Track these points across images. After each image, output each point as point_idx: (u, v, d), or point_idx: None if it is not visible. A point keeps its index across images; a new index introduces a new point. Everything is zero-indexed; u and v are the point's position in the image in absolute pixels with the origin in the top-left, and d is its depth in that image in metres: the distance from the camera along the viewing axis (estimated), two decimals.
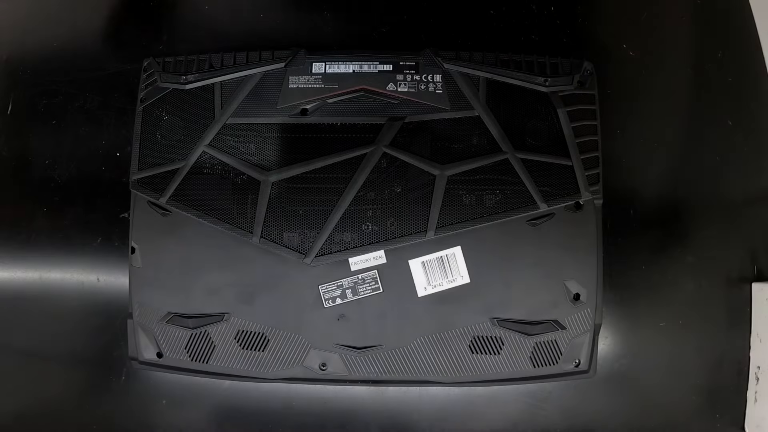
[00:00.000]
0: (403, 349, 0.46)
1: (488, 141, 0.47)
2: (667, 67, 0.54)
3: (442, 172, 0.46)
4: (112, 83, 0.55)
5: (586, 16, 0.54)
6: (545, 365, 0.46)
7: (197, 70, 0.49)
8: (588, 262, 0.46)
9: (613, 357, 0.51)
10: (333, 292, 0.46)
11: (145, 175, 0.48)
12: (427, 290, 0.46)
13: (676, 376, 0.51)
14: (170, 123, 0.49)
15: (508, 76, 0.48)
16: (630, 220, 0.52)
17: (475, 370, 0.46)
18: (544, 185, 0.46)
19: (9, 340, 0.53)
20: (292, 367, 0.46)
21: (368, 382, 0.46)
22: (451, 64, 0.48)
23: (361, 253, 0.46)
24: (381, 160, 0.46)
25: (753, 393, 0.50)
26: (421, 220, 0.46)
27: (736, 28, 0.54)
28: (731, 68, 0.54)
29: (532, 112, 0.47)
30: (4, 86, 0.56)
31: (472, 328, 0.46)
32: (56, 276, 0.52)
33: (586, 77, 0.48)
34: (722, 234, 0.52)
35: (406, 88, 0.47)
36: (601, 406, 0.51)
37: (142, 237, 0.48)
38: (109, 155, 0.54)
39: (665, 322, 0.51)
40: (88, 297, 0.53)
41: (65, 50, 0.56)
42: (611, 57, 0.53)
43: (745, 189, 0.53)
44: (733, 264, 0.52)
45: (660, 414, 0.51)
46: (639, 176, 0.53)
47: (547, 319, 0.46)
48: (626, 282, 0.51)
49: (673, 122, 0.53)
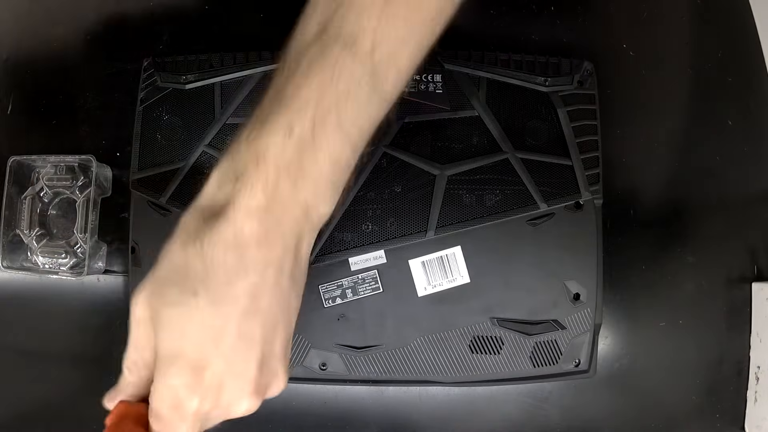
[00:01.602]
0: (403, 349, 0.46)
1: (488, 141, 0.47)
2: (667, 67, 0.54)
3: (442, 172, 0.46)
4: (112, 83, 0.55)
5: (586, 16, 0.54)
6: (545, 365, 0.46)
7: (197, 70, 0.49)
8: (588, 262, 0.46)
9: (613, 357, 0.51)
10: (333, 292, 0.46)
11: (145, 175, 0.48)
12: (427, 290, 0.46)
13: (676, 376, 0.51)
14: (170, 123, 0.49)
15: (508, 76, 0.48)
16: (630, 220, 0.52)
17: (475, 370, 0.46)
18: (544, 185, 0.46)
19: (9, 340, 0.53)
20: (292, 367, 0.46)
21: (368, 382, 0.46)
22: (451, 64, 0.48)
23: (361, 253, 0.46)
24: (381, 159, 0.46)
25: (753, 393, 0.50)
26: (421, 220, 0.46)
27: (736, 28, 0.54)
28: (731, 68, 0.54)
29: (532, 111, 0.47)
30: (4, 86, 0.56)
31: (472, 327, 0.46)
32: (56, 276, 0.52)
33: (586, 77, 0.48)
34: (722, 234, 0.52)
35: (406, 87, 0.47)
36: (601, 406, 0.51)
37: (142, 237, 0.48)
38: (109, 155, 0.54)
39: (665, 322, 0.51)
40: (88, 297, 0.53)
41: (65, 50, 0.56)
42: (611, 57, 0.53)
43: (745, 189, 0.53)
44: (733, 264, 0.52)
45: (660, 414, 0.51)
46: (639, 176, 0.53)
47: (547, 319, 0.46)
48: (626, 282, 0.51)
49: (673, 122, 0.53)
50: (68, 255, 0.52)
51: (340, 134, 0.29)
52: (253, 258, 0.28)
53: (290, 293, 0.30)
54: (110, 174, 0.53)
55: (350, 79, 0.29)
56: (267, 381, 0.31)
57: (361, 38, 0.29)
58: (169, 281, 0.29)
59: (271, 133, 0.28)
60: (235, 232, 0.28)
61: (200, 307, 0.28)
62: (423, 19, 0.31)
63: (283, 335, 0.30)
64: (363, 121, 0.30)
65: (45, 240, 0.53)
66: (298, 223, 0.29)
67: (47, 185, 0.52)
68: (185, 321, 0.28)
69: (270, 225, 0.28)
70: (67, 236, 0.52)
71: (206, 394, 0.29)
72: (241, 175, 0.28)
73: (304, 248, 0.30)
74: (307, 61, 0.29)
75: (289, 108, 0.28)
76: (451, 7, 0.33)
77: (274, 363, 0.30)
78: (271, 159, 0.28)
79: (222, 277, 0.28)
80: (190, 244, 0.28)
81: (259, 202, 0.28)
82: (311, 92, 0.28)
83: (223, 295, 0.28)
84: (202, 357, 0.28)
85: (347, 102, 0.29)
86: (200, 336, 0.28)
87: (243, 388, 0.29)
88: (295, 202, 0.28)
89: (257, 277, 0.28)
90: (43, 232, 0.53)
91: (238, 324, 0.28)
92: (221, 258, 0.28)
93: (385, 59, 0.30)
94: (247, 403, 0.30)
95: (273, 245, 0.28)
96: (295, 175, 0.28)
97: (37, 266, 0.52)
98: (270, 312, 0.29)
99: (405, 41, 0.30)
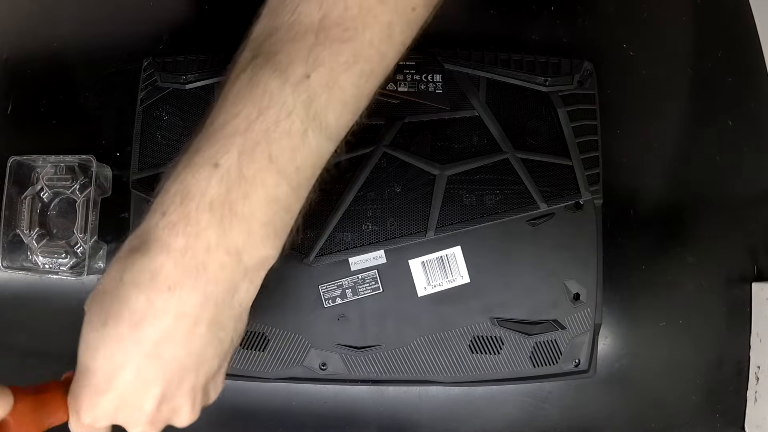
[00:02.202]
0: (403, 348, 0.46)
1: (488, 141, 0.47)
2: (667, 67, 0.54)
3: (442, 172, 0.46)
4: (112, 83, 0.55)
5: (586, 16, 0.54)
6: (545, 365, 0.46)
7: (197, 70, 0.49)
8: (588, 262, 0.46)
9: (613, 357, 0.51)
10: (333, 292, 0.46)
11: (145, 175, 0.48)
12: (427, 290, 0.46)
13: (676, 376, 0.51)
14: (170, 123, 0.49)
15: (508, 76, 0.48)
16: (630, 220, 0.52)
17: (475, 370, 0.46)
18: (544, 185, 0.46)
19: (9, 340, 0.53)
20: (292, 367, 0.46)
21: (368, 382, 0.46)
22: (451, 64, 0.48)
23: (361, 253, 0.46)
24: (381, 159, 0.46)
25: (753, 393, 0.50)
26: (421, 220, 0.46)
27: (736, 28, 0.54)
28: (731, 68, 0.54)
29: (532, 111, 0.47)
30: (4, 86, 0.56)
31: (472, 327, 0.46)
32: (56, 276, 0.52)
33: (586, 77, 0.48)
34: (722, 234, 0.52)
35: (405, 87, 0.47)
36: (601, 406, 0.51)
37: None
38: (109, 155, 0.54)
39: (665, 322, 0.51)
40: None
41: (65, 50, 0.56)
42: (611, 57, 0.53)
43: (745, 189, 0.53)
44: (733, 264, 0.52)
45: (660, 414, 0.51)
46: (639, 176, 0.53)
47: (547, 319, 0.46)
48: (626, 282, 0.51)
49: (673, 122, 0.53)
50: (68, 255, 0.52)
51: (273, 170, 0.26)
52: (164, 304, 0.26)
53: (208, 342, 0.27)
54: (110, 174, 0.53)
55: (281, 109, 0.26)
56: (166, 416, 0.30)
57: (294, 63, 0.26)
58: (95, 301, 0.28)
59: (196, 168, 0.26)
60: (152, 272, 0.26)
61: (108, 336, 0.27)
62: (369, 42, 0.27)
63: (193, 381, 0.28)
64: (300, 158, 0.27)
65: (45, 240, 0.53)
66: (226, 269, 0.26)
67: (47, 185, 0.52)
68: (95, 343, 0.27)
69: (188, 269, 0.26)
70: (67, 236, 0.52)
71: (104, 413, 0.28)
72: (165, 212, 0.26)
73: (240, 294, 0.28)
74: (235, 91, 0.26)
75: (216, 140, 0.26)
76: (405, 34, 0.29)
77: (178, 401, 0.29)
78: (195, 196, 0.26)
79: (130, 316, 0.26)
80: (113, 274, 0.27)
81: (178, 243, 0.26)
82: (238, 123, 0.26)
83: (127, 334, 0.26)
84: (104, 382, 0.27)
85: (278, 135, 0.26)
86: (103, 363, 0.27)
87: (138, 418, 0.29)
88: (221, 246, 0.26)
89: (165, 324, 0.26)
90: (43, 232, 0.53)
91: (137, 365, 0.27)
92: (133, 297, 0.26)
93: (322, 87, 0.26)
94: (140, 428, 0.29)
95: (189, 292, 0.26)
96: (221, 214, 0.25)
97: (37, 266, 0.52)
98: (174, 360, 0.27)
99: (348, 65, 0.27)
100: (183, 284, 0.26)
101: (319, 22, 0.26)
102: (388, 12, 0.27)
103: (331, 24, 0.26)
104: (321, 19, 0.26)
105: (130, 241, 0.28)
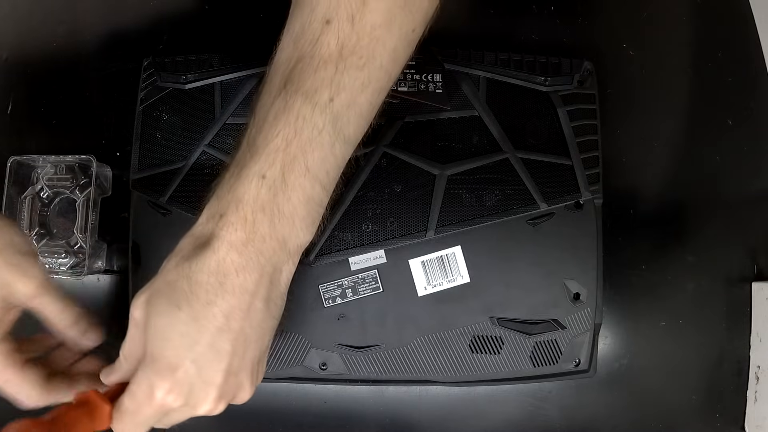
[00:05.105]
0: (403, 348, 0.46)
1: (488, 140, 0.47)
2: (667, 67, 0.54)
3: (442, 172, 0.46)
4: (112, 83, 0.55)
5: (586, 16, 0.54)
6: (545, 365, 0.46)
7: (197, 70, 0.49)
8: (588, 262, 0.46)
9: (613, 357, 0.51)
10: (333, 292, 0.46)
11: (145, 175, 0.48)
12: (427, 290, 0.46)
13: (676, 376, 0.51)
14: (170, 123, 0.49)
15: (508, 76, 0.48)
16: (630, 220, 0.52)
17: (475, 370, 0.46)
18: (544, 185, 0.46)
19: None
20: (292, 367, 0.46)
21: (368, 382, 0.46)
22: (451, 64, 0.48)
23: (361, 253, 0.46)
24: (381, 159, 0.47)
25: (753, 393, 0.50)
26: (421, 220, 0.46)
27: (736, 28, 0.54)
28: (731, 68, 0.54)
29: (532, 111, 0.47)
30: (4, 86, 0.56)
31: (472, 327, 0.46)
32: (56, 276, 0.52)
33: (586, 77, 0.48)
34: (722, 234, 0.52)
35: (405, 87, 0.47)
36: (601, 406, 0.51)
37: (142, 237, 0.48)
38: (109, 155, 0.54)
39: (665, 322, 0.51)
40: (88, 297, 0.53)
41: (65, 50, 0.56)
42: (611, 57, 0.53)
43: (745, 189, 0.53)
44: (733, 264, 0.52)
45: (660, 414, 0.51)
46: (639, 176, 0.53)
47: (547, 319, 0.46)
48: (626, 282, 0.51)
49: (673, 122, 0.53)
50: (68, 255, 0.52)
51: (309, 177, 0.33)
52: (232, 283, 0.32)
53: (264, 315, 0.34)
54: (110, 174, 0.53)
55: (313, 129, 0.32)
56: (232, 390, 0.34)
57: (320, 90, 0.32)
58: (161, 293, 0.33)
59: (246, 180, 0.32)
60: (218, 260, 0.32)
61: (181, 319, 0.32)
62: (379, 65, 0.33)
63: (253, 352, 0.34)
64: (329, 164, 0.34)
65: (45, 240, 0.53)
66: (276, 254, 0.33)
67: (47, 185, 0.52)
68: (168, 328, 0.32)
69: (249, 256, 0.32)
70: (67, 236, 0.52)
71: (176, 389, 0.32)
72: (223, 215, 0.32)
73: (283, 274, 0.34)
74: (273, 114, 0.33)
75: (260, 157, 0.32)
76: (407, 53, 0.36)
77: (242, 376, 0.34)
78: (248, 203, 0.32)
79: (203, 297, 0.32)
80: (181, 265, 0.32)
81: (239, 237, 0.32)
82: (279, 142, 0.32)
83: (201, 312, 0.32)
84: (177, 360, 0.32)
85: (312, 149, 0.32)
86: (178, 342, 0.32)
87: (208, 392, 0.33)
88: (272, 237, 0.32)
89: (234, 300, 0.32)
90: (43, 232, 0.53)
91: (211, 337, 0.32)
92: (204, 281, 0.32)
93: (344, 107, 0.33)
94: (209, 405, 0.34)
95: (251, 273, 0.32)
96: (271, 213, 0.32)
97: None
98: (242, 331, 0.33)
99: (364, 87, 0.33)
100: (245, 268, 0.32)
101: (338, 52, 0.32)
102: (393, 39, 0.33)
103: (348, 53, 0.32)
104: (340, 50, 0.32)
105: (189, 243, 0.33)
